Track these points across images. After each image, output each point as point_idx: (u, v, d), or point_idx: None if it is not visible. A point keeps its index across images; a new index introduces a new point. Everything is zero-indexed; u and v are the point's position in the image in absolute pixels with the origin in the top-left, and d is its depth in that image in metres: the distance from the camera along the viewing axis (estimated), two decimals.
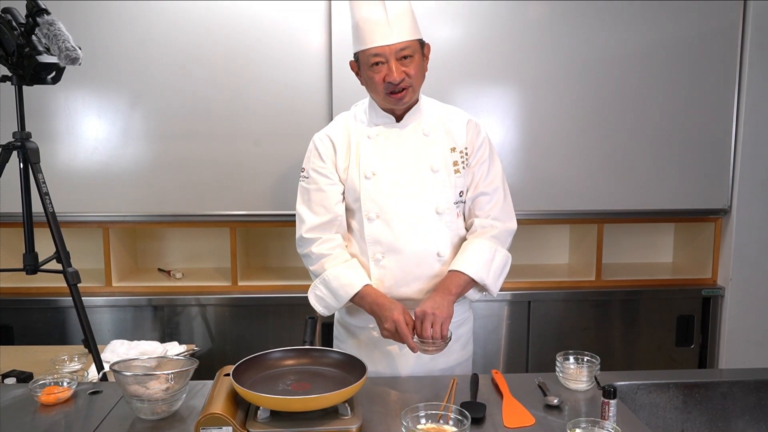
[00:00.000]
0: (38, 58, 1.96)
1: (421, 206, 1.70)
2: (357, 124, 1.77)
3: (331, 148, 1.76)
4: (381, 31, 1.62)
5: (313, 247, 1.73)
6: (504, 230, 1.75)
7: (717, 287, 3.00)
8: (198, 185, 2.79)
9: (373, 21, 1.62)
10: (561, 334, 2.95)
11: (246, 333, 2.89)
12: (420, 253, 1.71)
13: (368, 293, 1.66)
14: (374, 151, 1.72)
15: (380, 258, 1.71)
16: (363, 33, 1.64)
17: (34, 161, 2.06)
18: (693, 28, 2.80)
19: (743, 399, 1.67)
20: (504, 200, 1.78)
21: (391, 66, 1.63)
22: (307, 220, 1.75)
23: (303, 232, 1.75)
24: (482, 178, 1.76)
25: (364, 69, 1.68)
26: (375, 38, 1.62)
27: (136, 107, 2.74)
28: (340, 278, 1.69)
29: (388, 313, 1.58)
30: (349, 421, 1.31)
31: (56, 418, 1.43)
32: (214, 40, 2.70)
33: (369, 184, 1.70)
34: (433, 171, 1.71)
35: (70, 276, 2.06)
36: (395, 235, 1.70)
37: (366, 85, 1.73)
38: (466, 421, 1.30)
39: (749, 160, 2.89)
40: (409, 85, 1.66)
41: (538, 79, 2.80)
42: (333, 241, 1.74)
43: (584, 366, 1.61)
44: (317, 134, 1.82)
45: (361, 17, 1.64)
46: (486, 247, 1.70)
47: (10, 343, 2.78)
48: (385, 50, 1.62)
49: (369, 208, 1.70)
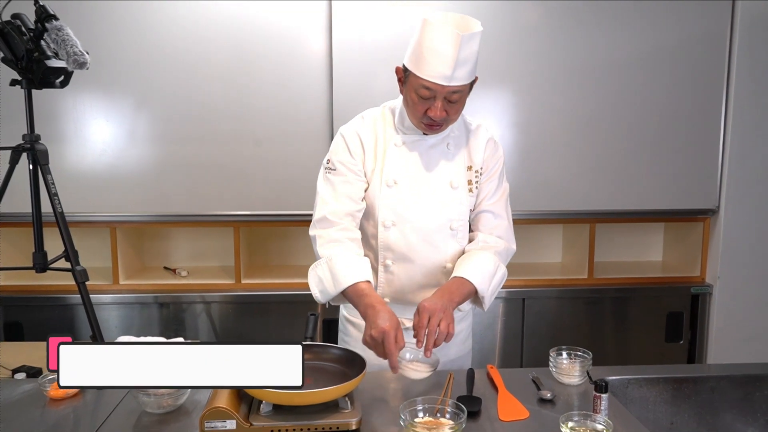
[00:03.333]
0: (47, 62, 1.96)
1: (437, 220, 1.67)
2: (386, 127, 1.69)
3: (361, 148, 1.67)
4: (443, 70, 1.48)
5: (333, 231, 1.61)
6: (507, 249, 1.71)
7: (705, 285, 3.00)
8: (202, 186, 2.79)
9: (440, 56, 1.47)
10: (554, 331, 2.95)
11: (249, 329, 2.89)
12: (429, 265, 1.69)
13: (369, 292, 1.53)
14: (399, 159, 1.66)
15: (390, 264, 1.70)
16: (424, 61, 1.49)
17: (43, 163, 2.07)
18: (683, 33, 2.80)
19: (731, 393, 1.67)
20: (508, 222, 1.73)
21: (437, 104, 1.52)
22: (330, 203, 1.64)
23: (326, 213, 1.62)
24: (489, 195, 1.70)
25: (410, 88, 1.55)
26: (433, 74, 1.49)
27: (142, 110, 2.74)
28: (347, 264, 1.56)
29: (380, 321, 1.41)
30: (349, 414, 1.32)
31: (65, 412, 1.43)
32: (218, 45, 2.70)
33: (390, 192, 1.66)
34: (453, 188, 1.66)
35: (78, 274, 2.06)
36: (408, 245, 1.67)
37: (405, 100, 1.61)
38: (462, 414, 1.30)
39: (737, 162, 2.89)
40: (446, 122, 1.59)
41: (533, 83, 2.80)
42: (353, 232, 1.64)
43: (577, 361, 1.60)
44: (347, 129, 1.70)
45: (430, 46, 1.48)
46: (491, 260, 1.65)
47: (20, 339, 2.78)
48: (437, 88, 1.50)
49: (386, 215, 1.66)
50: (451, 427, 1.29)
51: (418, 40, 1.51)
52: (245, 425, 1.27)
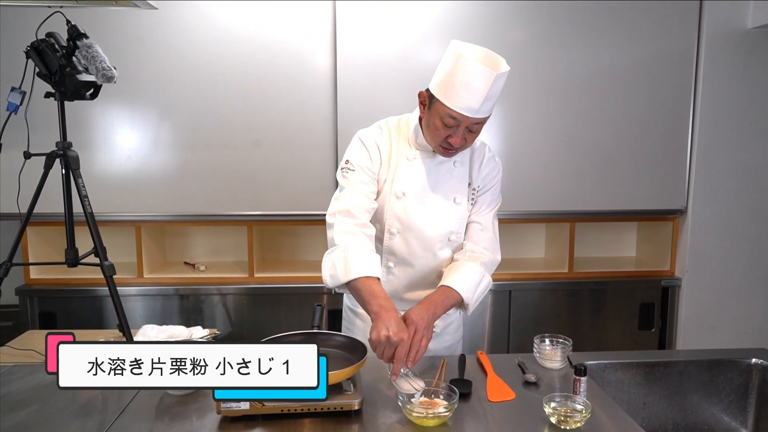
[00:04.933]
0: (78, 77, 1.95)
1: (439, 232, 1.64)
2: (401, 140, 1.64)
3: (378, 156, 1.63)
4: (471, 104, 1.43)
5: (353, 224, 1.53)
6: (492, 260, 1.67)
7: (675, 278, 3.00)
8: (219, 189, 2.79)
9: (471, 90, 1.42)
10: (538, 320, 2.95)
11: (261, 318, 2.89)
12: (427, 270, 1.68)
13: (381, 293, 1.44)
14: (409, 173, 1.62)
15: (392, 267, 1.69)
16: (455, 92, 1.43)
17: (74, 168, 2.06)
18: (653, 48, 2.80)
19: (697, 376, 1.67)
20: (494, 234, 1.69)
21: (459, 132, 1.48)
22: (353, 197, 1.56)
23: (350, 205, 1.54)
24: (482, 208, 1.67)
25: (434, 113, 1.50)
26: (461, 105, 1.43)
27: (165, 120, 2.74)
28: (362, 257, 1.49)
29: (398, 328, 1.33)
30: (352, 396, 1.32)
31: (94, 394, 1.43)
32: (234, 61, 2.69)
33: (397, 203, 1.63)
34: (456, 203, 1.64)
35: (106, 268, 2.05)
36: (410, 253, 1.66)
37: (426, 122, 1.55)
38: (454, 395, 1.30)
39: (703, 167, 2.89)
40: (462, 148, 1.55)
41: (519, 97, 2.80)
42: (369, 228, 1.57)
43: (558, 347, 1.61)
44: (366, 134, 1.64)
45: (462, 80, 1.42)
46: (477, 270, 1.61)
47: (54, 327, 2.78)
48: (463, 119, 1.46)
49: (392, 223, 1.65)
50: (445, 407, 1.29)
51: (450, 71, 1.44)
52: (258, 405, 1.27)
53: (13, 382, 1.49)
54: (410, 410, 1.27)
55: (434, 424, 1.26)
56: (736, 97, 2.84)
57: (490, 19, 2.73)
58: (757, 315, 3.01)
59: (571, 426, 1.26)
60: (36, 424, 1.29)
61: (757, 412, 1.67)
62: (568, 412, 1.29)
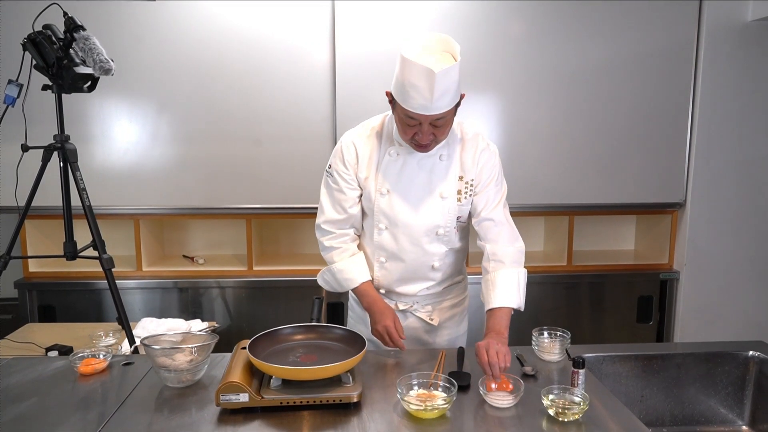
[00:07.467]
0: (75, 69, 1.95)
1: (425, 227, 1.64)
2: (384, 137, 1.65)
3: (355, 157, 1.64)
4: (423, 103, 1.42)
5: (325, 240, 1.71)
6: (517, 252, 1.67)
7: (673, 271, 3.01)
8: (217, 182, 2.79)
9: (419, 91, 1.41)
10: (537, 313, 2.96)
11: (260, 311, 2.89)
12: (418, 264, 1.69)
13: (367, 292, 1.67)
14: (393, 169, 1.62)
15: (384, 261, 1.70)
16: (406, 94, 1.44)
17: (72, 161, 2.05)
18: (653, 40, 2.79)
19: (695, 369, 1.68)
20: (509, 224, 1.67)
21: (423, 129, 1.48)
22: (326, 212, 1.70)
23: (321, 222, 1.71)
24: (488, 203, 1.64)
25: (397, 113, 1.52)
26: (415, 105, 1.44)
27: (163, 113, 2.73)
28: (344, 272, 1.69)
29: (380, 317, 1.61)
30: (350, 388, 1.32)
31: (94, 386, 1.43)
32: (232, 56, 2.68)
33: (383, 200, 1.64)
34: (442, 198, 1.63)
35: (105, 261, 2.05)
36: (399, 248, 1.67)
37: (396, 121, 1.57)
38: (453, 388, 1.31)
39: (702, 160, 2.89)
40: (434, 142, 1.55)
41: (518, 90, 2.79)
42: (345, 236, 1.71)
43: (557, 340, 1.61)
44: (346, 137, 1.68)
45: (409, 81, 1.41)
46: (513, 275, 1.62)
47: (53, 320, 2.78)
48: (421, 118, 1.46)
49: (379, 220, 1.66)
50: (443, 399, 1.29)
51: (398, 73, 1.45)
52: (257, 398, 1.27)
53: (12, 375, 1.49)
54: (409, 402, 1.27)
55: (433, 417, 1.27)
56: (735, 90, 2.83)
57: (488, 14, 2.71)
58: (754, 308, 3.02)
59: (569, 418, 1.26)
60: (36, 416, 1.29)
61: (753, 404, 1.68)
62: (566, 404, 1.29)
